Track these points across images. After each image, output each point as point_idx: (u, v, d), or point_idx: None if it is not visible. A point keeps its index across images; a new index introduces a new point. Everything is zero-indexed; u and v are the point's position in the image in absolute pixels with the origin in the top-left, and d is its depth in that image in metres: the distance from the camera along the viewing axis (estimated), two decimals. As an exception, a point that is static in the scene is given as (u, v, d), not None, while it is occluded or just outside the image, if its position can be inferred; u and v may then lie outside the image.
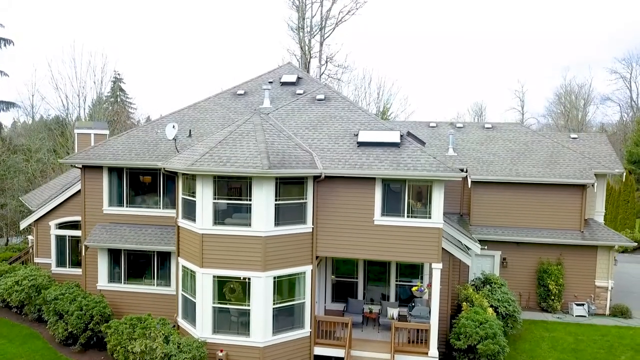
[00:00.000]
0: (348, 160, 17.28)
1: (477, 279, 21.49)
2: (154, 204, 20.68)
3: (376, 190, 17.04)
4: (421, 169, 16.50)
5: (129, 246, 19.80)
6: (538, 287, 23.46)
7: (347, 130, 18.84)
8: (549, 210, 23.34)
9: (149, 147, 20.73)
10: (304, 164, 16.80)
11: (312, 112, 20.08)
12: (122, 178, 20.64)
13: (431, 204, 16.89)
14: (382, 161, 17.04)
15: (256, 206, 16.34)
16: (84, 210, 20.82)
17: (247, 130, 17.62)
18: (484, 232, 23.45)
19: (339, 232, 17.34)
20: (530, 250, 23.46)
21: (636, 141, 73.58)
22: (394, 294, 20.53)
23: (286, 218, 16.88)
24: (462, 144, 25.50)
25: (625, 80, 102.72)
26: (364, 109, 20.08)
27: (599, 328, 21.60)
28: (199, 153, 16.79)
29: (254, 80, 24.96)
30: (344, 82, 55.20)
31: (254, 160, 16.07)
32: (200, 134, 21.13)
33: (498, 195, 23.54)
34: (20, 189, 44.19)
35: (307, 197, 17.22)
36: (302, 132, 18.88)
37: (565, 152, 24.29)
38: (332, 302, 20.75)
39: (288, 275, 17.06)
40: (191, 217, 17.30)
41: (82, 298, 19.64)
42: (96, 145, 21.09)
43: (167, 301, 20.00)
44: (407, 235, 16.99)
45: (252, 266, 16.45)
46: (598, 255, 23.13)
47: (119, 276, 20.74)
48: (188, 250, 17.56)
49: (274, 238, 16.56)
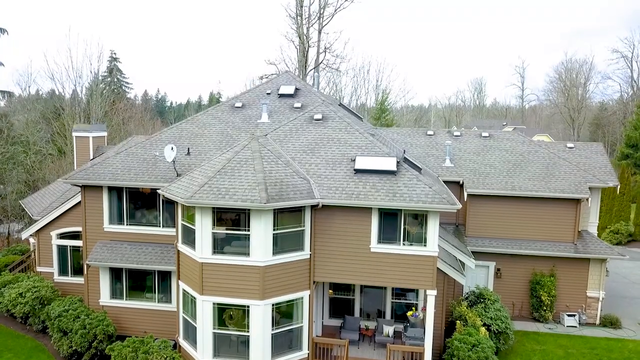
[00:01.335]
0: (345, 188, 17.51)
1: (471, 292, 21.96)
2: (153, 219, 20.95)
3: (372, 218, 17.35)
4: (417, 200, 16.74)
5: (130, 265, 20.17)
6: (531, 297, 23.99)
7: (344, 154, 18.98)
8: (544, 222, 23.68)
9: (148, 165, 20.87)
10: (301, 193, 17.03)
11: (309, 133, 20.17)
12: (121, 197, 20.85)
13: (427, 233, 17.23)
14: (379, 190, 17.27)
15: (254, 237, 16.65)
16: (84, 228, 21.11)
17: (245, 157, 17.77)
18: (479, 244, 23.83)
19: (336, 259, 17.72)
20: (524, 262, 23.91)
21: (635, 125, 73.53)
22: (389, 310, 21.03)
23: (284, 246, 17.21)
24: (459, 154, 25.64)
25: (627, 60, 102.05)
26: (360, 130, 20.18)
27: (588, 340, 22.21)
28: (198, 183, 16.98)
29: (252, 91, 24.94)
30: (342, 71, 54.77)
31: (252, 193, 16.29)
32: (198, 152, 21.26)
33: (494, 207, 23.83)
34: (20, 180, 44.51)
35: (305, 224, 17.52)
36: (300, 157, 19.03)
37: (561, 163, 24.47)
38: (329, 317, 21.27)
39: (286, 301, 17.50)
40: (190, 243, 17.62)
41: (85, 316, 20.12)
42: (96, 164, 21.21)
43: (168, 317, 20.48)
44: (402, 262, 17.40)
45: (251, 294, 16.86)
46: (590, 267, 23.60)
47: (121, 292, 21.18)
48: (188, 276, 17.94)
49: (272, 267, 16.93)
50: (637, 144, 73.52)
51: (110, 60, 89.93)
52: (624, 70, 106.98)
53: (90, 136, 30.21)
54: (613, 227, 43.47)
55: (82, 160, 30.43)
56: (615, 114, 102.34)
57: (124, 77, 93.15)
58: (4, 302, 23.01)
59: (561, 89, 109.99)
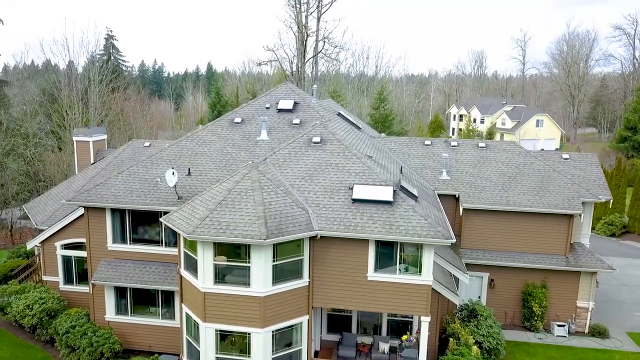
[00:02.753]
0: (343, 219, 17.98)
1: (464, 306, 22.68)
2: (156, 235, 21.48)
3: (369, 248, 17.91)
4: (412, 233, 17.25)
5: (134, 285, 20.81)
6: (523, 307, 24.76)
7: (342, 181, 19.37)
8: (537, 235, 24.24)
9: (150, 186, 21.27)
10: (300, 225, 17.50)
11: (308, 157, 20.50)
12: (124, 217, 21.32)
13: (422, 262, 17.83)
14: (376, 222, 17.75)
15: (254, 269, 17.22)
16: (89, 247, 21.66)
17: (245, 188, 18.16)
18: (474, 256, 24.45)
19: (335, 286, 18.36)
20: (517, 273, 24.58)
21: (634, 108, 73.46)
22: (385, 325, 21.77)
23: (284, 274, 17.81)
24: (456, 165, 26.00)
25: (630, 37, 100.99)
26: (358, 155, 20.50)
27: (577, 351, 23.07)
28: (199, 216, 17.42)
29: (251, 105, 25.11)
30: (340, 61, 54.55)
31: (252, 228, 16.76)
32: (199, 172, 21.62)
33: (488, 221, 24.35)
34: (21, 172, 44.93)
35: (304, 254, 18.07)
36: (299, 183, 19.42)
37: (556, 177, 24.87)
38: (327, 333, 22.03)
39: (286, 327, 18.21)
40: (193, 270, 18.19)
41: (92, 333, 20.90)
42: (98, 184, 21.57)
43: (172, 333, 21.24)
44: (398, 290, 18.05)
45: (252, 322, 17.54)
46: (581, 279, 24.29)
47: (126, 308, 21.88)
48: (191, 301, 18.58)
49: (272, 297, 17.56)
50: (635, 127, 73.64)
51: (107, 39, 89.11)
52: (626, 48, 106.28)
53: (90, 140, 30.54)
54: (607, 219, 44.17)
55: (83, 164, 30.81)
56: (615, 92, 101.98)
57: (121, 55, 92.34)
58: (12, 312, 23.74)
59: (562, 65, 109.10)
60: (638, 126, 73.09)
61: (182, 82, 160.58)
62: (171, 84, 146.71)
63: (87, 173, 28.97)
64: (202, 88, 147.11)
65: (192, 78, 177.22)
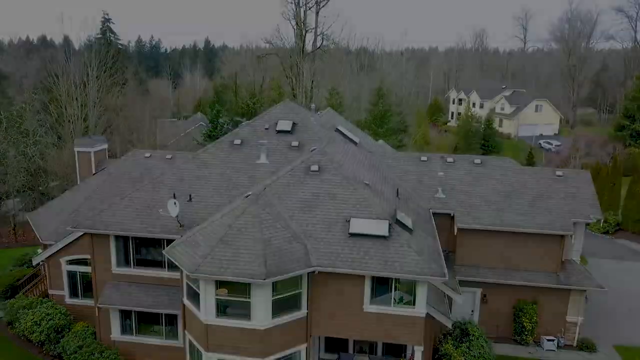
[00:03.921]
0: (340, 254, 18.62)
1: (457, 324, 23.49)
2: (158, 257, 22.09)
3: (365, 283, 18.63)
4: (407, 270, 17.94)
5: (139, 309, 21.59)
6: (514, 322, 25.62)
7: (340, 213, 19.92)
8: (529, 253, 24.90)
9: (152, 212, 21.81)
10: (298, 262, 18.15)
11: (306, 187, 20.99)
12: (128, 242, 21.94)
13: (416, 294, 18.56)
14: (372, 257, 18.41)
15: (255, 304, 17.93)
16: (94, 272, 22.39)
17: (245, 224, 18.72)
18: (467, 273, 25.15)
19: (332, 317, 19.13)
20: (509, 289, 25.32)
21: (633, 96, 73.53)
22: (381, 345, 22.62)
23: (283, 308, 18.54)
24: (452, 183, 26.49)
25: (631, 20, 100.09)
26: (354, 185, 21.00)
27: (565, 367, 24.06)
28: (201, 254, 18.02)
29: (251, 125, 25.47)
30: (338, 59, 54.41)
31: (252, 267, 17.41)
32: (200, 198, 22.17)
33: (482, 240, 24.97)
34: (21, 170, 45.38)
35: (302, 287, 18.78)
36: (298, 215, 19.97)
37: (549, 195, 25.42)
38: (325, 352, 22.91)
39: (285, 356, 19.03)
40: (195, 301, 18.89)
41: (99, 354, 21.79)
42: (103, 210, 22.10)
43: (175, 352, 22.09)
44: (393, 321, 18.84)
45: (253, 353, 18.35)
46: (571, 295, 25.07)
47: (131, 328, 22.72)
48: (194, 330, 19.35)
49: (271, 329, 18.32)
50: (633, 115, 73.89)
51: (103, 21, 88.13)
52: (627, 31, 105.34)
53: (92, 151, 30.92)
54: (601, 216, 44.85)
55: (84, 174, 31.24)
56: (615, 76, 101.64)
57: (117, 38, 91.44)
58: (20, 327, 24.58)
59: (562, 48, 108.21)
60: (636, 115, 73.36)
61: (180, 59, 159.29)
62: (169, 62, 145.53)
63: (89, 184, 29.40)
64: (200, 65, 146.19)
65: (189, 54, 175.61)
